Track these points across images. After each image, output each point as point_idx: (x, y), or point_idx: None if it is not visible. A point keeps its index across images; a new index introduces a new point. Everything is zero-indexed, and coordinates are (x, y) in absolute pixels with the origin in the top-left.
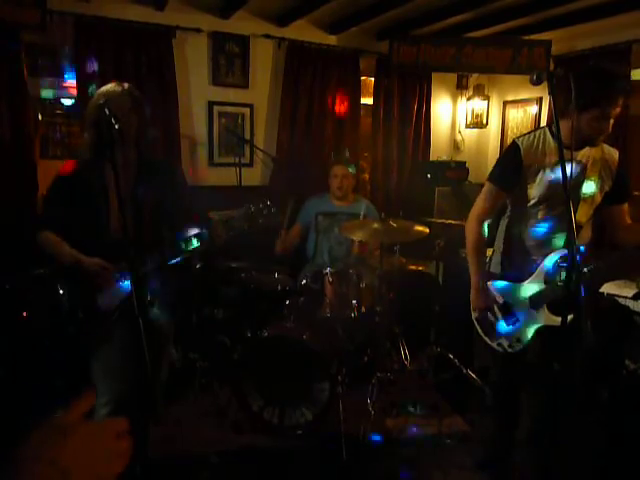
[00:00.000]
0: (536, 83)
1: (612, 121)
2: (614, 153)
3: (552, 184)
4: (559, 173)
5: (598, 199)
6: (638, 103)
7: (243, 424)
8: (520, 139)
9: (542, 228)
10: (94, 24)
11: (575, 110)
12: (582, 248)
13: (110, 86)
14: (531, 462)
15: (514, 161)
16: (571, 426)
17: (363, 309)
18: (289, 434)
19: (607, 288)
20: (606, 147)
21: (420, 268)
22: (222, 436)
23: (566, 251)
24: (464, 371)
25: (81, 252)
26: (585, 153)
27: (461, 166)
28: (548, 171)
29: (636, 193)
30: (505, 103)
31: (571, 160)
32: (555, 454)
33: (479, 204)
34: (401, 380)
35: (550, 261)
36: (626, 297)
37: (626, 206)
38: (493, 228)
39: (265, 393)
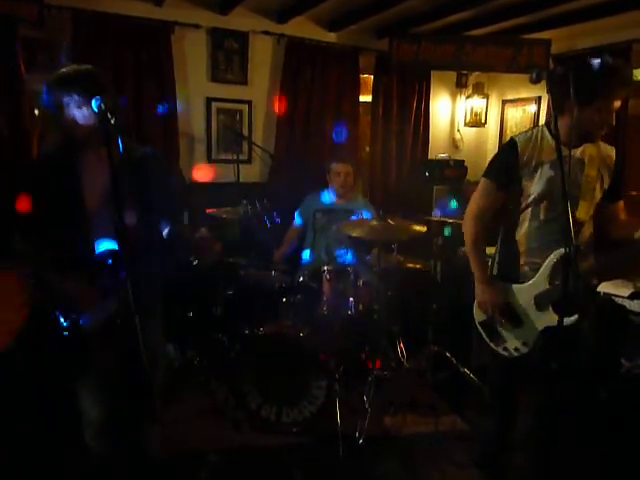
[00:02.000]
0: (536, 81)
1: (614, 115)
2: (610, 150)
3: (551, 181)
4: (558, 171)
5: (598, 196)
6: (638, 103)
7: (241, 422)
8: (517, 136)
9: (544, 229)
10: (92, 19)
11: (575, 106)
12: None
13: (72, 69)
14: (529, 461)
15: (511, 157)
16: (569, 425)
17: (361, 307)
18: (286, 432)
19: (604, 287)
20: (602, 144)
21: (418, 266)
22: (220, 434)
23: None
24: (461, 370)
25: (61, 263)
26: (583, 150)
27: (460, 164)
28: (546, 168)
29: (634, 193)
30: (504, 102)
31: (569, 157)
32: (553, 453)
33: (475, 201)
34: (398, 378)
35: (552, 260)
36: (622, 297)
37: (621, 203)
38: (494, 229)
39: (263, 391)
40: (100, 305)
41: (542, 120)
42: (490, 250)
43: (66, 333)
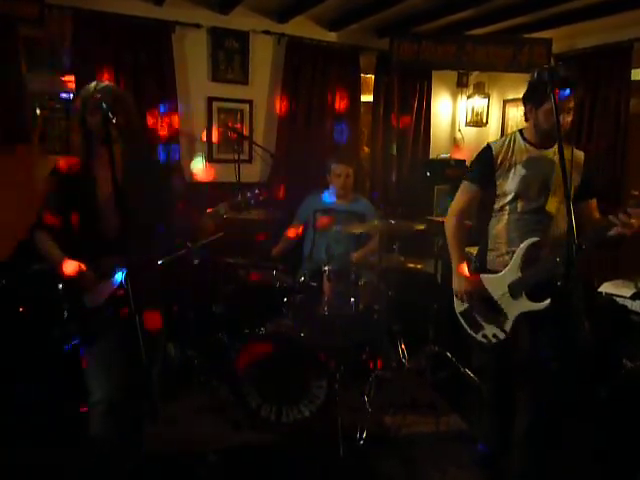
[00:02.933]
0: (535, 82)
1: (570, 116)
2: (581, 155)
3: (525, 179)
4: (531, 169)
5: None
6: (639, 102)
7: (241, 421)
8: (493, 142)
9: (522, 220)
10: (92, 19)
11: (533, 110)
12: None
13: (94, 84)
14: (529, 461)
15: (486, 159)
16: (569, 425)
17: (361, 307)
18: (286, 431)
19: (605, 288)
20: (575, 150)
21: (419, 266)
22: (220, 433)
23: (535, 239)
24: (462, 370)
25: (75, 252)
26: (554, 151)
27: (461, 164)
28: (519, 167)
29: (635, 192)
30: (505, 102)
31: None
32: (553, 453)
33: (456, 200)
34: (399, 378)
35: (522, 249)
36: (624, 297)
37: (594, 201)
38: (480, 228)
39: (263, 390)
40: (101, 285)
41: None
42: (472, 250)
43: (66, 313)
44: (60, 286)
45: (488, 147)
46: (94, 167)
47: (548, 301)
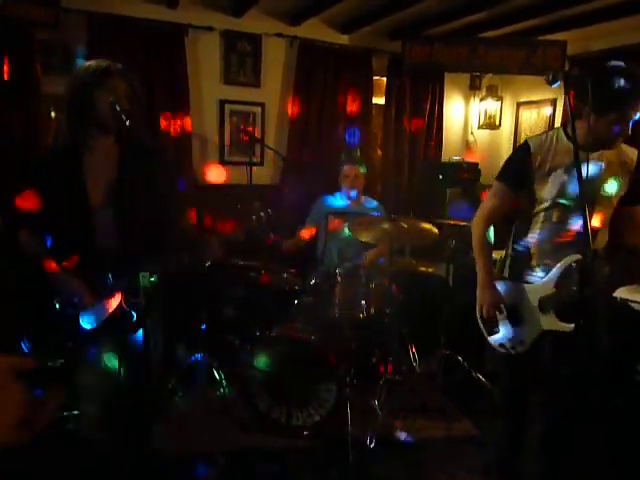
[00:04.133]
0: (551, 83)
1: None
2: (632, 153)
3: (564, 186)
4: (573, 175)
5: (615, 202)
6: None
7: (250, 424)
8: (531, 138)
9: (557, 231)
10: (107, 22)
11: (591, 113)
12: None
13: (95, 64)
14: (543, 467)
15: (524, 160)
16: (584, 432)
17: (372, 310)
18: (296, 435)
19: (620, 293)
20: (624, 147)
21: (430, 270)
22: (229, 435)
23: (579, 256)
24: (473, 374)
25: (64, 258)
26: (601, 155)
27: (473, 167)
28: (560, 172)
29: None
30: (519, 104)
31: (587, 161)
32: (566, 460)
33: (486, 203)
34: (409, 382)
35: (562, 266)
36: (639, 302)
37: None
38: (505, 232)
39: (272, 393)
40: (100, 302)
41: (558, 122)
42: (498, 254)
43: (65, 327)
44: (56, 304)
45: (526, 143)
46: (86, 160)
47: (573, 325)
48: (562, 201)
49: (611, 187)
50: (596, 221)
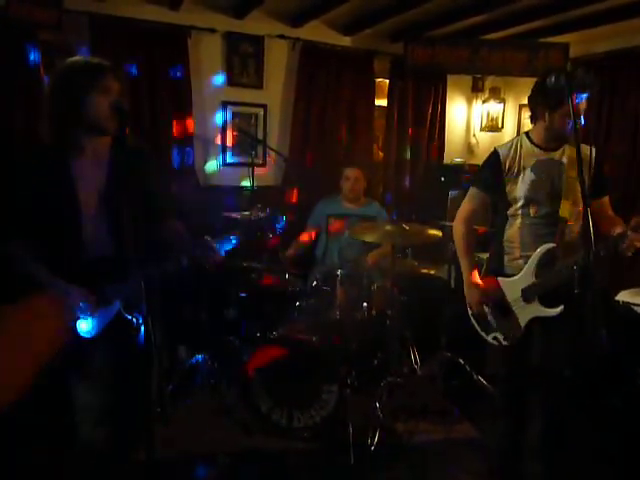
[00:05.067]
0: (553, 85)
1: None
2: (586, 150)
3: (535, 184)
4: (540, 173)
5: (579, 195)
6: None
7: (251, 425)
8: (500, 147)
9: (535, 225)
10: (109, 23)
11: (546, 110)
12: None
13: (83, 61)
14: (541, 466)
15: (493, 164)
16: (583, 433)
17: (374, 312)
18: (297, 436)
19: (622, 296)
20: (583, 146)
21: (432, 272)
22: (230, 437)
23: (552, 245)
24: (475, 377)
25: (53, 267)
26: (562, 152)
27: (475, 170)
28: (528, 172)
29: None
30: (521, 106)
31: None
32: (566, 462)
33: (463, 206)
34: (411, 385)
35: (538, 255)
36: None
37: (607, 199)
38: (493, 232)
39: (273, 394)
40: (101, 308)
41: None
42: (484, 255)
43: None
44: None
45: (495, 152)
46: (74, 161)
47: (561, 307)
48: (534, 197)
49: (574, 181)
50: (564, 213)
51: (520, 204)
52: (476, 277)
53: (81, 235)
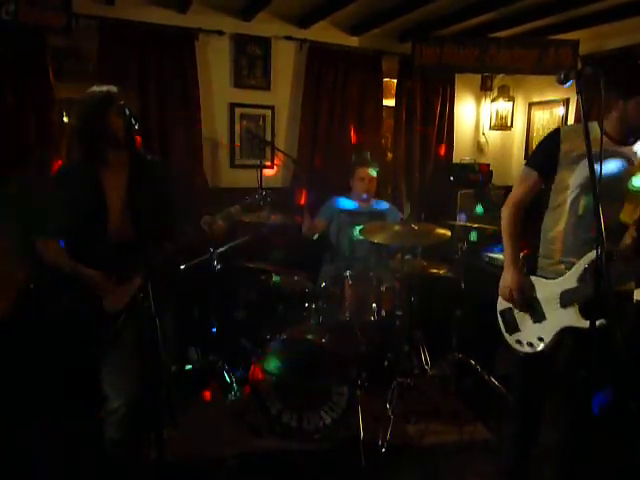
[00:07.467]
0: (564, 82)
1: None
2: None
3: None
4: (604, 165)
5: None
6: None
7: (261, 427)
8: (565, 127)
9: (581, 226)
10: (118, 27)
11: (620, 98)
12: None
13: (100, 90)
14: (560, 474)
15: (551, 144)
16: (599, 439)
17: (383, 313)
18: (307, 438)
19: (638, 295)
20: None
21: (442, 272)
22: (240, 439)
23: (608, 250)
24: (486, 377)
25: (81, 256)
26: (632, 148)
27: (485, 169)
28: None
29: None
30: (531, 105)
31: (601, 153)
32: (582, 467)
33: (514, 189)
34: (421, 386)
35: (588, 259)
36: None
37: None
38: (533, 226)
39: (284, 396)
40: (121, 291)
41: (570, 122)
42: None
43: (90, 318)
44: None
45: (557, 130)
46: (101, 172)
47: (601, 321)
48: (590, 190)
49: (638, 181)
50: (625, 217)
51: (572, 195)
52: (516, 265)
53: (107, 228)
